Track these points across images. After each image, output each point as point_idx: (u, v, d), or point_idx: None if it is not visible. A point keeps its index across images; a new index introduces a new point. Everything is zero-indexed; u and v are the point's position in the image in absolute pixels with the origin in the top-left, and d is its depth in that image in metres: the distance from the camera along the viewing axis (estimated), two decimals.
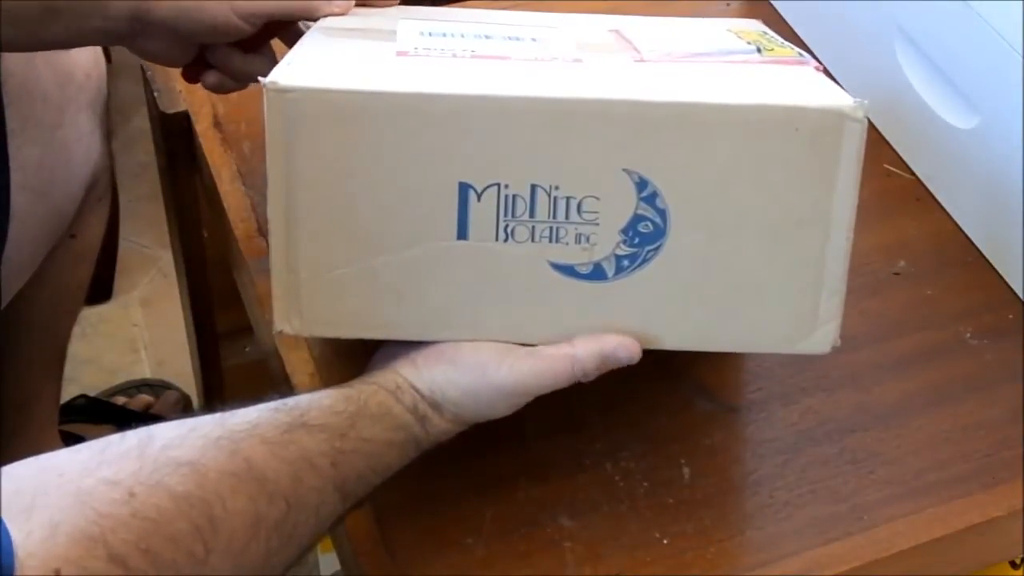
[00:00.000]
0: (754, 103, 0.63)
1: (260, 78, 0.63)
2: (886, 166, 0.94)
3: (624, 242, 0.65)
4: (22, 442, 1.11)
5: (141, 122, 1.09)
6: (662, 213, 0.64)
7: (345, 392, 0.64)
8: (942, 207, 0.91)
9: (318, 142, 0.63)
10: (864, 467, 0.75)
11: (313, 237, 0.65)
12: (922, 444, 0.77)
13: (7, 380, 1.09)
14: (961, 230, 0.89)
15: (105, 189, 1.08)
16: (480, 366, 0.65)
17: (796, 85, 0.68)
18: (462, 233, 0.65)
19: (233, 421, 0.59)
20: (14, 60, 0.88)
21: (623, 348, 0.66)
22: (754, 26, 0.81)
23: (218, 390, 1.26)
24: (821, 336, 0.67)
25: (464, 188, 0.64)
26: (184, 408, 1.35)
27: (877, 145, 0.95)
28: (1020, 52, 0.79)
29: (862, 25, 0.95)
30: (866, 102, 0.62)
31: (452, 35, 0.73)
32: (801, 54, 0.72)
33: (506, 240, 0.65)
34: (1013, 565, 0.86)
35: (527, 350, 0.66)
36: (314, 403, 0.62)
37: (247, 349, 1.19)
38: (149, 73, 0.98)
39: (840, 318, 0.67)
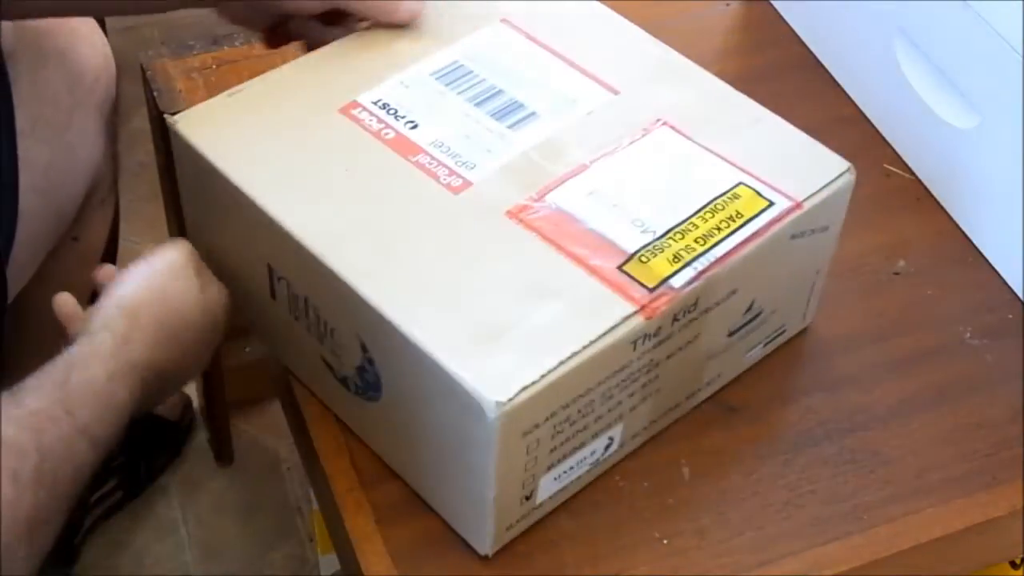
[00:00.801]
0: (430, 353, 0.64)
1: (166, 114, 0.77)
2: (886, 166, 0.94)
3: (357, 376, 0.71)
4: None
5: (141, 122, 1.09)
6: (378, 376, 0.70)
7: (61, 356, 0.69)
8: (942, 207, 0.91)
9: (193, 175, 0.78)
10: (864, 467, 0.75)
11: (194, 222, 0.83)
12: (922, 444, 0.77)
13: (11, 380, 1.09)
14: (961, 230, 0.89)
15: (108, 192, 1.08)
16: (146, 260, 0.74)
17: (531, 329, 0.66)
18: (272, 295, 0.76)
19: None
20: (25, 62, 0.88)
21: None
22: (765, 196, 0.73)
23: (218, 390, 1.26)
24: (485, 539, 0.69)
25: (271, 267, 0.75)
26: (184, 408, 1.35)
27: (877, 145, 0.95)
28: (1020, 52, 0.79)
29: (862, 25, 0.95)
30: (519, 399, 0.62)
31: (442, 92, 0.79)
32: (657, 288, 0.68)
33: (296, 319, 0.75)
34: (1013, 565, 0.86)
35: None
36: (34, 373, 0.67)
37: (247, 349, 1.19)
38: (149, 73, 0.98)
39: (494, 530, 0.69)
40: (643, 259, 0.69)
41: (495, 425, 0.62)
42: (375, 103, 0.78)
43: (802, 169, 0.75)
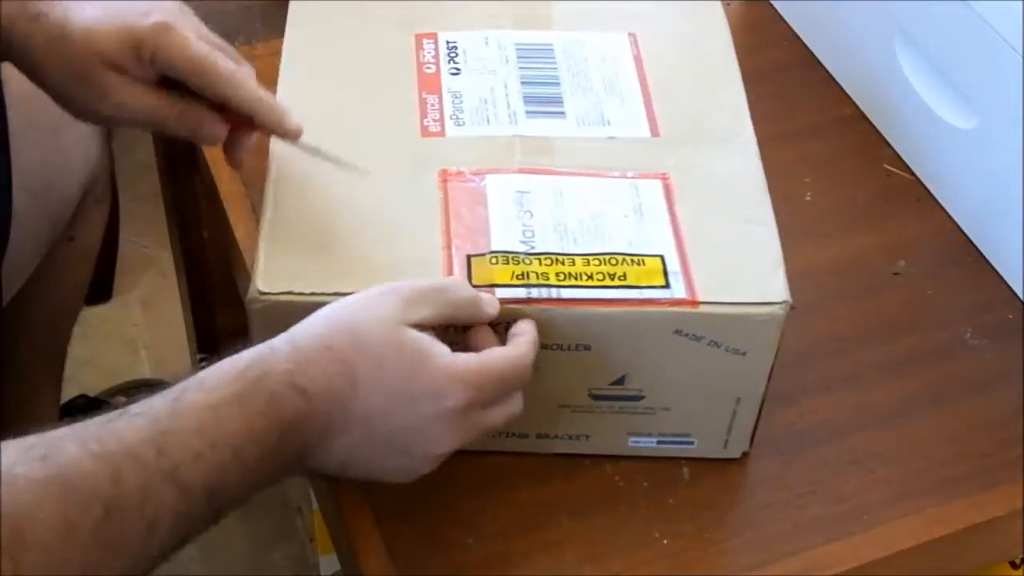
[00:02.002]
0: (262, 235, 0.70)
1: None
2: (886, 166, 0.94)
3: None
4: None
5: None
6: None
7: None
8: (942, 207, 0.91)
9: None
10: (864, 467, 0.75)
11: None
12: (922, 444, 0.77)
13: (7, 379, 1.09)
14: (961, 230, 0.89)
15: (104, 191, 1.08)
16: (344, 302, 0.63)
17: None
18: None
19: (56, 429, 0.54)
20: None
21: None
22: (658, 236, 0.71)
23: None
24: None
25: None
26: None
27: (877, 145, 0.95)
28: (1020, 52, 0.79)
29: (862, 25, 0.95)
30: (280, 298, 0.67)
31: (509, 61, 0.81)
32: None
33: None
34: (1013, 565, 0.86)
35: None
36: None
37: None
38: None
39: None
40: (493, 261, 0.68)
41: (254, 307, 0.67)
42: (448, 42, 0.82)
43: (740, 279, 0.69)
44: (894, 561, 0.71)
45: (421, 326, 0.62)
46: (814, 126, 0.96)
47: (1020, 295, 0.85)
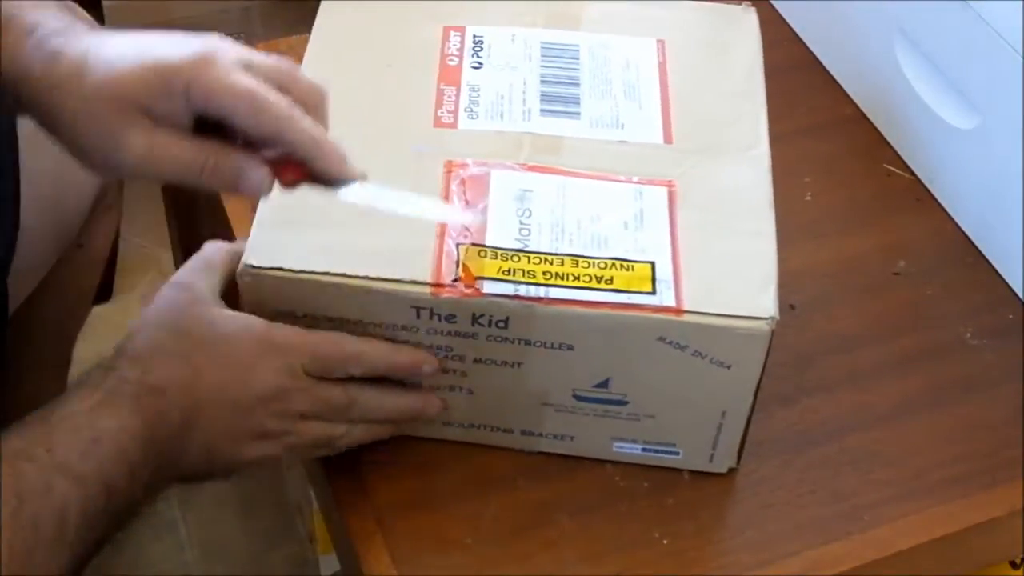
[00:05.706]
0: (258, 214, 0.71)
1: None
2: (886, 166, 0.94)
3: None
4: None
5: None
6: None
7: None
8: (942, 207, 0.91)
9: None
10: (864, 467, 0.75)
11: None
12: (922, 444, 0.77)
13: (15, 384, 1.09)
14: (961, 230, 0.89)
15: (114, 198, 1.07)
16: None
17: None
18: None
19: None
20: None
21: None
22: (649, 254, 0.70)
23: None
24: None
25: None
26: None
27: (877, 145, 0.95)
28: (1020, 52, 0.79)
29: (862, 25, 0.95)
30: (268, 273, 0.68)
31: (532, 59, 0.81)
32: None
33: None
34: (1013, 565, 0.86)
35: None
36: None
37: None
38: None
39: None
40: (482, 254, 0.68)
41: (243, 280, 0.68)
42: (474, 36, 0.82)
43: (729, 291, 0.68)
44: (894, 561, 0.72)
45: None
46: (814, 126, 0.96)
47: (1020, 295, 0.85)
